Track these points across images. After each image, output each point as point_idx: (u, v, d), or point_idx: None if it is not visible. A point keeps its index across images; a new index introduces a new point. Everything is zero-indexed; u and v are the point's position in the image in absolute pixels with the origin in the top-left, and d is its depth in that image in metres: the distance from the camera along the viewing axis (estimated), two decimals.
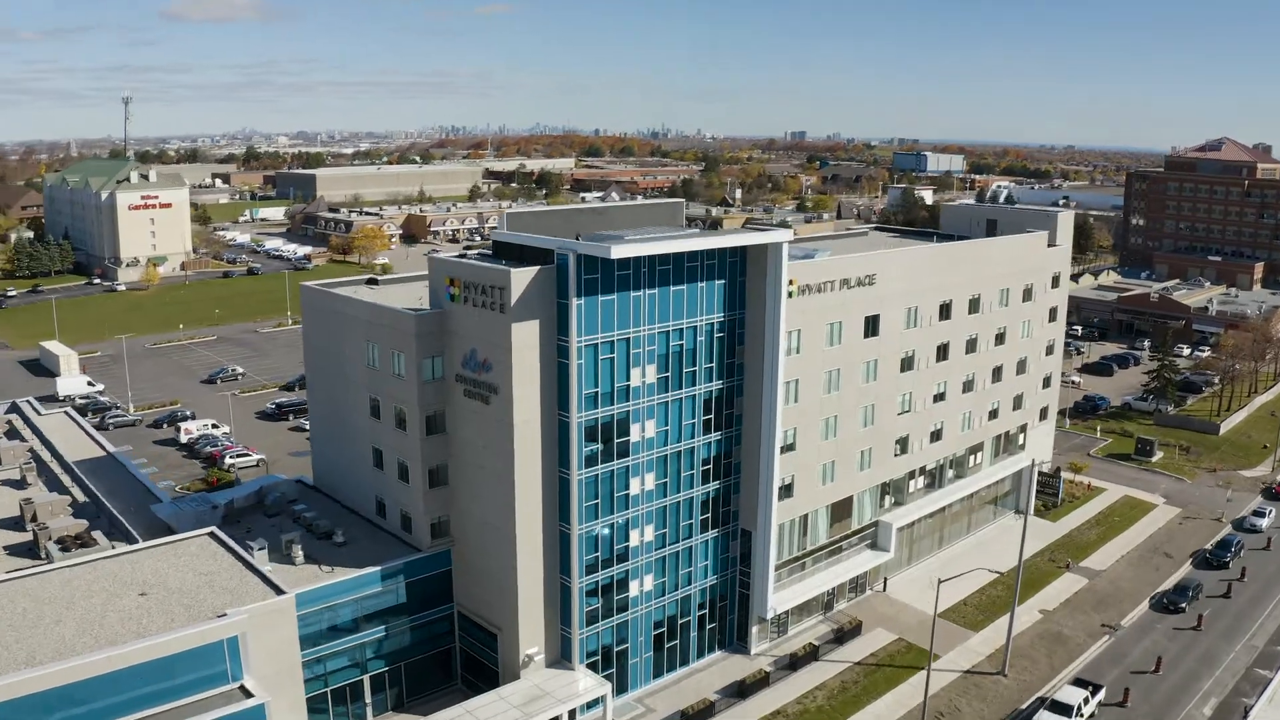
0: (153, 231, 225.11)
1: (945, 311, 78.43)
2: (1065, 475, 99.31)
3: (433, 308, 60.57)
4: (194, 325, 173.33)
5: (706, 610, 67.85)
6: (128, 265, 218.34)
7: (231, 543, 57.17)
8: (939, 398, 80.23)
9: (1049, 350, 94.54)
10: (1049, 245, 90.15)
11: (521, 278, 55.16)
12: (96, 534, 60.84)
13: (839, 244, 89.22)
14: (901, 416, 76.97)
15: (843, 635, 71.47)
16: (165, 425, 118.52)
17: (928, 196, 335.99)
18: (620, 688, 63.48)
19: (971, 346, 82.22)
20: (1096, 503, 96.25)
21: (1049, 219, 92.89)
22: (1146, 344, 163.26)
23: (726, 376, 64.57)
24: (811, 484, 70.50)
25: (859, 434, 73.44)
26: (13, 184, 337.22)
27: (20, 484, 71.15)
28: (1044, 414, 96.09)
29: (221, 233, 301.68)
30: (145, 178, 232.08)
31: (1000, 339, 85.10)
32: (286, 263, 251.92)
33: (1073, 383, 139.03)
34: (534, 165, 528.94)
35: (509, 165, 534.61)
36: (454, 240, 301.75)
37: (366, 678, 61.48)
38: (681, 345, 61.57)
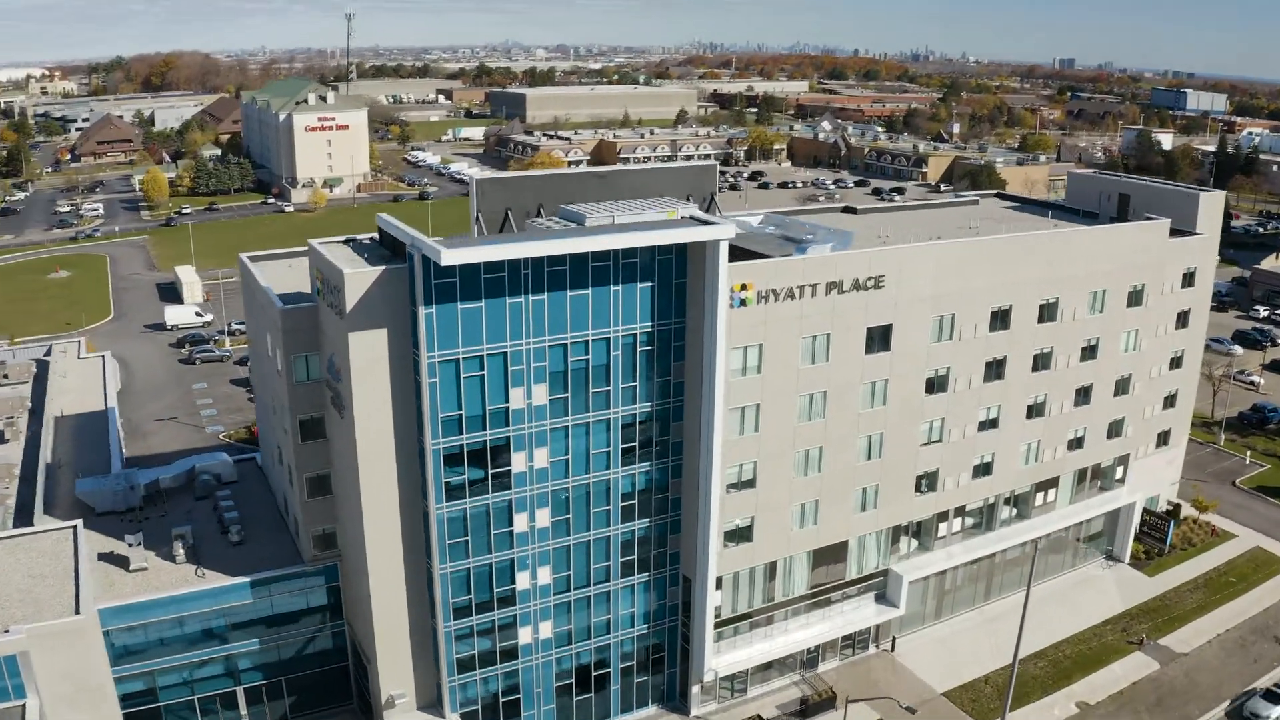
0: (329, 153, 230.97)
1: (1001, 320, 62.32)
2: (1189, 513, 79.92)
3: (314, 300, 52.87)
4: None
5: (634, 662, 57.83)
6: (303, 186, 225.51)
7: (82, 543, 52.96)
8: (988, 425, 64.59)
9: (1176, 363, 75.24)
10: (1179, 235, 70.67)
11: (360, 279, 46.11)
12: None
13: (931, 217, 73.91)
14: (928, 448, 62.35)
15: (808, 709, 59.32)
16: (248, 364, 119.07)
17: (1166, 141, 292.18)
18: None
19: (1043, 363, 65.50)
20: (1216, 554, 76.57)
21: (1189, 201, 72.85)
22: None
23: (660, 397, 53.13)
24: (780, 526, 58.14)
25: (857, 468, 59.87)
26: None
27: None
28: (1164, 440, 77.20)
29: (417, 152, 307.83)
30: (324, 99, 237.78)
31: (1090, 352, 67.51)
32: (463, 187, 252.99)
33: (1251, 383, 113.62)
34: (763, 88, 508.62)
35: (737, 88, 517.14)
36: None
37: (241, 689, 56.48)
38: (587, 361, 50.65)
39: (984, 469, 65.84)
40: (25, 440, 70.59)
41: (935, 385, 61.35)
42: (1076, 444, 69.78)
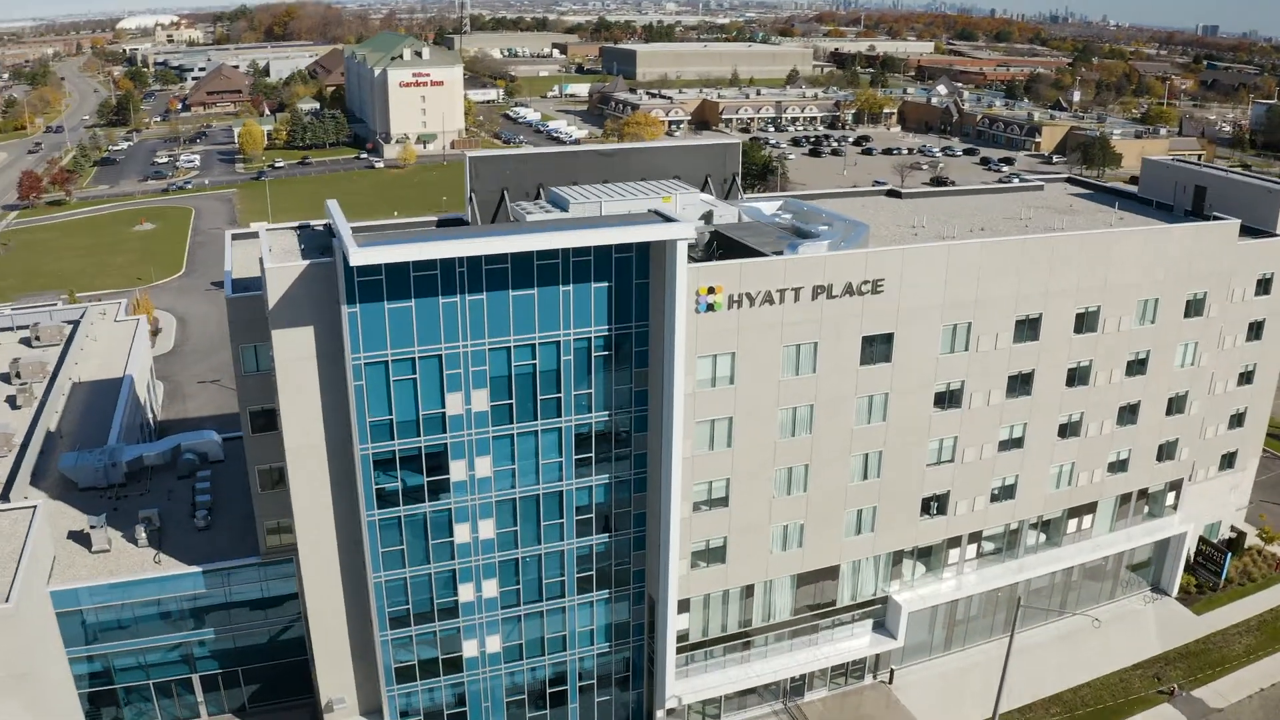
0: (423, 109, 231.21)
1: (1028, 330, 55.74)
2: (1254, 543, 71.48)
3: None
4: (414, 211, 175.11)
5: (594, 682, 54.46)
6: (396, 142, 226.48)
7: (39, 524, 52.34)
8: (1011, 444, 58.27)
9: (1246, 378, 66.81)
10: (1256, 235, 62.16)
11: (283, 275, 43.29)
12: None
13: (983, 205, 67.35)
14: (937, 469, 56.57)
15: None
16: None
17: None
18: None
19: (1079, 378, 58.61)
20: (1277, 592, 68.21)
21: (1271, 198, 63.99)
22: None
23: (620, 406, 48.99)
24: (758, 548, 53.53)
25: (851, 489, 54.63)
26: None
27: (12, 404, 71.54)
28: (1229, 462, 69.01)
29: (519, 109, 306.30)
30: (419, 55, 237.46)
31: (1138, 367, 60.16)
32: (560, 144, 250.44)
33: None
34: (885, 48, 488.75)
35: (858, 47, 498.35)
36: (745, 130, 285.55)
37: (196, 676, 55.66)
38: (534, 366, 46.80)
39: (1005, 492, 59.59)
40: (35, 407, 71.23)
41: (946, 400, 55.37)
42: (1119, 467, 62.62)
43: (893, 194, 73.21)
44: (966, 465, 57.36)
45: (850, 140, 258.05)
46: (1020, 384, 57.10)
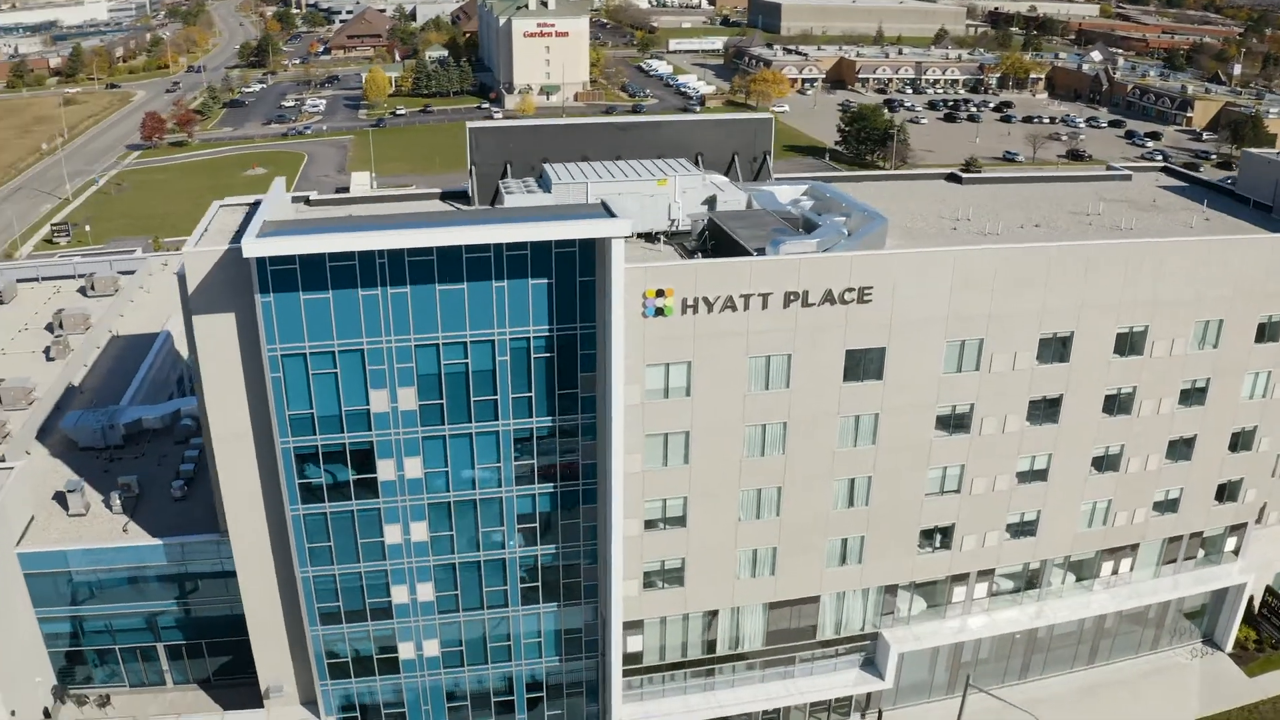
0: (547, 60, 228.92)
1: (1056, 350, 48.90)
2: None
3: None
4: None
5: (543, 695, 51.56)
6: (519, 93, 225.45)
7: (16, 486, 52.65)
8: (1031, 476, 51.73)
9: None
10: None
11: (201, 260, 41.23)
12: None
13: (1049, 195, 60.39)
14: (939, 499, 50.68)
15: None
16: None
17: None
18: None
19: (1119, 406, 51.37)
20: None
21: None
22: None
23: (565, 412, 45.24)
24: (721, 572, 49.18)
25: (833, 516, 49.46)
26: None
27: (46, 356, 72.96)
28: None
29: (652, 61, 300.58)
30: (544, 4, 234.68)
31: (1195, 397, 52.28)
32: (685, 100, 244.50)
33: None
34: (1046, 9, 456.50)
35: (1017, 6, 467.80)
36: (881, 91, 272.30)
37: (161, 645, 55.56)
38: (466, 365, 43.51)
39: (1024, 529, 53.14)
40: (66, 360, 72.69)
41: (952, 424, 49.29)
42: (1167, 507, 55.06)
43: (952, 178, 66.25)
44: (976, 497, 51.16)
45: (991, 106, 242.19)
46: (1045, 410, 50.32)
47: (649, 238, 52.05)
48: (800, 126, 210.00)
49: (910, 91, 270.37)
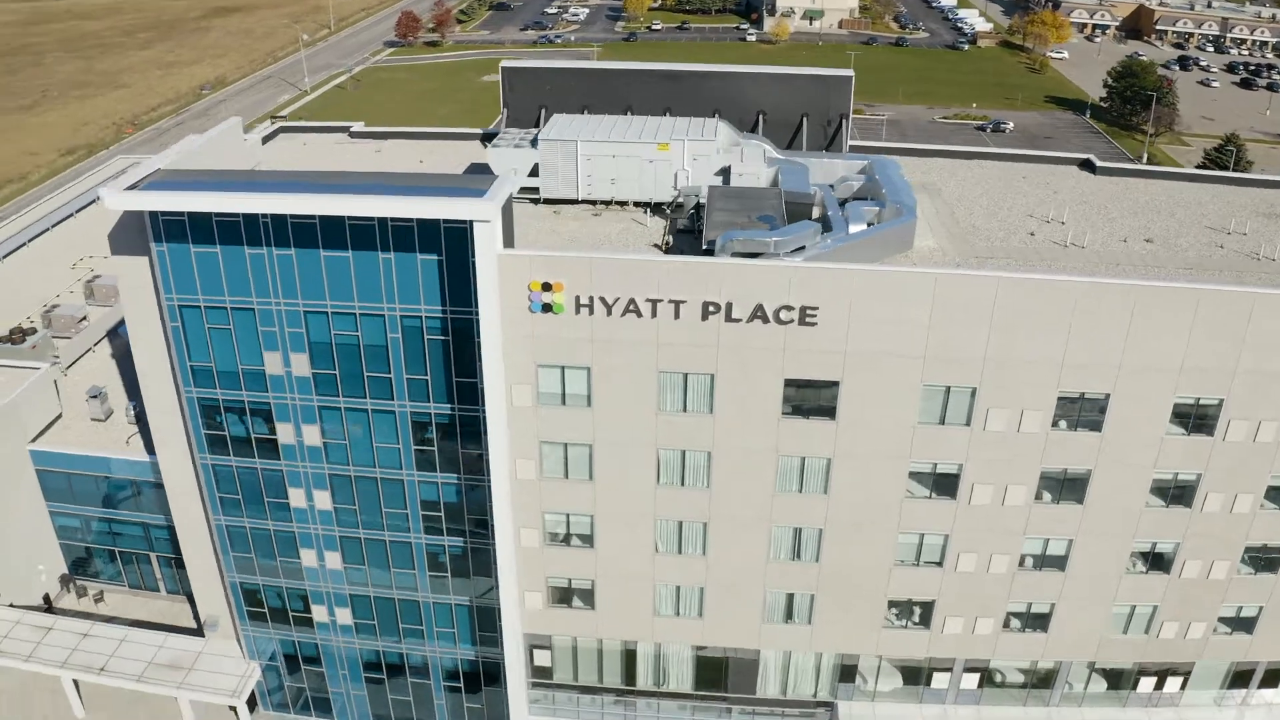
0: None
1: (1084, 412, 38.48)
2: None
3: None
4: None
5: (460, 684, 48.96)
6: (782, 15, 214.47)
7: (37, 384, 55.67)
8: (1044, 562, 41.83)
9: None
10: None
11: (123, 201, 40.29)
12: None
13: (1232, 198, 48.78)
14: (912, 570, 42.17)
15: None
16: None
17: None
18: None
19: (1173, 495, 40.05)
20: None
21: None
22: None
23: (464, 402, 41.27)
24: (637, 603, 43.82)
25: (773, 566, 42.41)
26: None
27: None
28: None
29: None
30: None
31: None
32: (958, 37, 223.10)
33: None
34: None
35: None
36: (1178, 46, 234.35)
37: (154, 555, 58.21)
38: (357, 338, 40.44)
39: (1031, 621, 43.36)
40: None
41: (932, 485, 40.46)
42: (1238, 625, 42.89)
43: (1086, 165, 54.48)
44: (963, 575, 42.08)
45: None
46: (1065, 486, 40.11)
47: (654, 209, 46.48)
48: (1073, 77, 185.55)
49: (1211, 50, 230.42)
